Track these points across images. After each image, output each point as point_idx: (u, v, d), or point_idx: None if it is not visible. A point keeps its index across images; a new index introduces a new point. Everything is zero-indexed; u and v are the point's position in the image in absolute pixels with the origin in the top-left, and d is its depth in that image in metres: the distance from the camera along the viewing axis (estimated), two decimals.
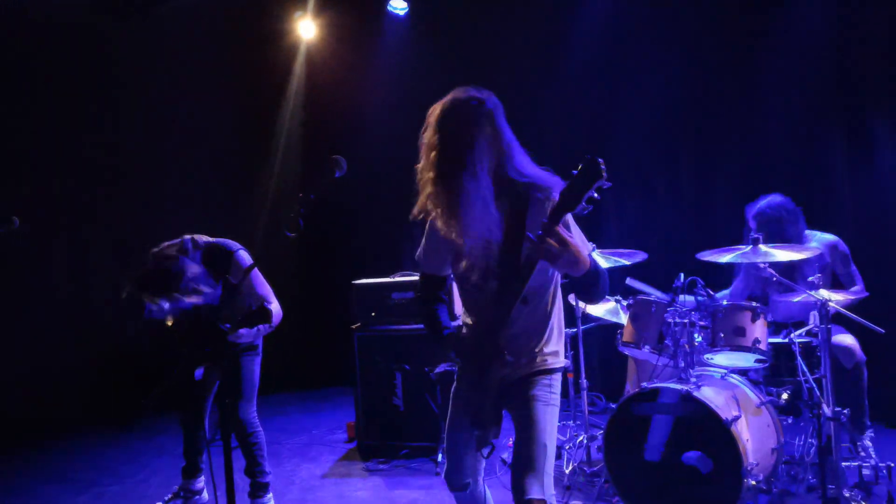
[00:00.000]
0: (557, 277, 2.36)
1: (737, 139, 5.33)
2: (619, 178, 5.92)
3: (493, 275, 2.23)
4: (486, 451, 2.27)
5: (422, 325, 2.56)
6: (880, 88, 4.78)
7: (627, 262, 4.11)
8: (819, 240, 4.00)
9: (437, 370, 2.41)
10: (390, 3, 6.46)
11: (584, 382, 4.21)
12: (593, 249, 4.15)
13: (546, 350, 2.34)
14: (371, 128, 6.83)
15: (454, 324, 2.51)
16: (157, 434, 5.59)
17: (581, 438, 4.17)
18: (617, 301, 4.32)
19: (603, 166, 1.94)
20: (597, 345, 5.83)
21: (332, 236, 7.18)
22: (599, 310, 4.36)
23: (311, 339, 7.07)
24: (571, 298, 4.25)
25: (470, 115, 2.19)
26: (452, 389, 2.46)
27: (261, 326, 3.42)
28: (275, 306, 3.52)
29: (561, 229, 1.99)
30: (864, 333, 3.67)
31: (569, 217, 2.13)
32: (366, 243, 6.93)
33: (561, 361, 2.37)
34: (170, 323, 3.55)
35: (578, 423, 4.37)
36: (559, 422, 5.08)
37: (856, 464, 3.55)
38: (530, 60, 6.08)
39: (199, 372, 2.96)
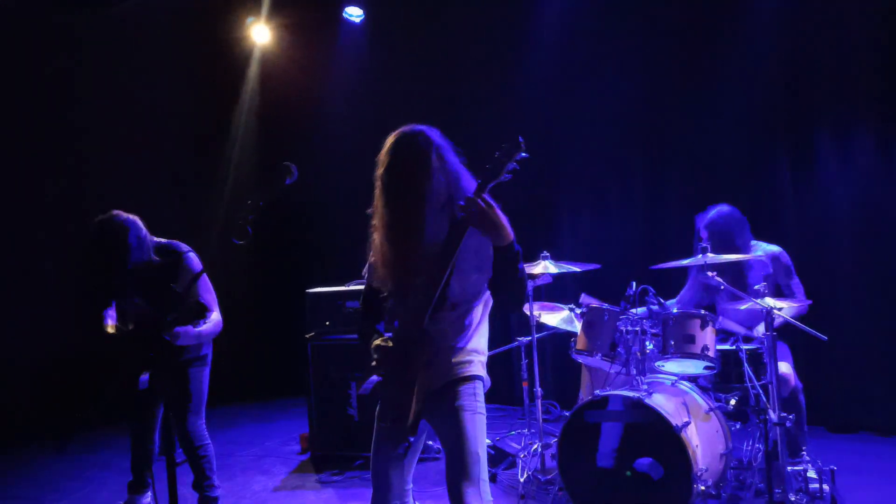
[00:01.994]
0: (486, 292, 2.38)
1: (687, 152, 5.45)
2: (572, 191, 6.06)
3: (424, 283, 2.25)
4: (402, 448, 2.24)
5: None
6: (824, 104, 4.95)
7: (577, 269, 4.16)
8: (764, 250, 4.11)
9: (367, 385, 2.37)
10: (346, 10, 6.44)
11: (539, 391, 4.24)
12: (545, 258, 4.20)
13: (466, 358, 2.34)
14: (327, 134, 6.80)
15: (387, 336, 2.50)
16: (102, 448, 5.41)
17: (535, 447, 4.19)
18: (571, 310, 4.36)
19: (522, 141, 2.17)
20: (551, 353, 5.90)
21: (286, 244, 7.10)
22: (553, 319, 4.40)
23: (264, 349, 6.96)
24: (526, 308, 4.29)
25: (415, 148, 2.27)
26: (377, 409, 2.42)
27: (203, 331, 3.34)
28: (215, 315, 3.46)
29: (489, 200, 2.14)
30: (808, 343, 3.78)
31: (496, 206, 2.25)
32: (320, 251, 6.87)
33: (482, 371, 2.38)
34: (111, 330, 3.46)
35: (533, 431, 4.39)
36: (513, 430, 5.14)
37: (801, 468, 3.64)
38: (485, 71, 6.14)
39: (143, 379, 2.87)
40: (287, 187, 2.30)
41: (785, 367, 3.86)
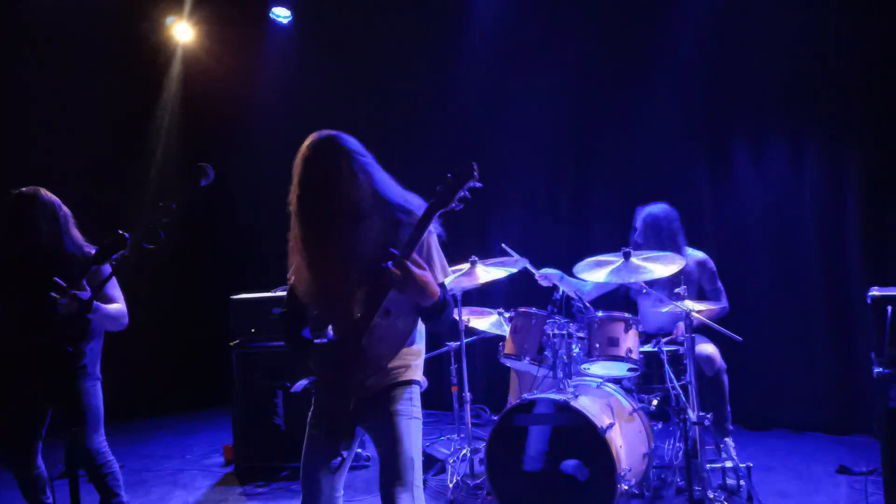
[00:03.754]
0: None
1: (612, 157, 5.59)
2: (501, 195, 6.11)
3: (355, 288, 2.22)
4: (335, 463, 2.21)
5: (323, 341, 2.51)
6: (740, 115, 5.18)
7: (515, 269, 4.18)
8: (689, 255, 4.24)
9: (296, 387, 2.32)
10: (272, 10, 6.32)
11: (468, 395, 4.24)
12: (474, 263, 4.20)
13: (403, 362, 2.33)
14: (255, 136, 6.64)
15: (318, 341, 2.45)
16: None
17: (464, 452, 4.19)
18: (500, 314, 4.39)
19: (475, 168, 2.08)
20: (481, 357, 5.92)
21: (209, 248, 6.88)
22: (483, 323, 4.42)
23: (186, 358, 6.72)
24: (456, 313, 4.28)
25: (328, 153, 2.21)
26: (309, 413, 2.37)
27: (111, 311, 3.16)
28: (119, 307, 3.27)
29: (415, 259, 2.11)
30: (725, 343, 3.92)
31: (433, 245, 2.27)
32: (246, 255, 6.69)
33: (419, 375, 2.37)
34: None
35: (462, 436, 4.39)
36: (443, 436, 5.12)
37: (719, 465, 3.77)
38: (415, 73, 6.13)
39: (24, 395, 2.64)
40: (203, 189, 2.21)
41: (710, 348, 4.02)
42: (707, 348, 4.02)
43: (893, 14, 4.56)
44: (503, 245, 4.17)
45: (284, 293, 4.64)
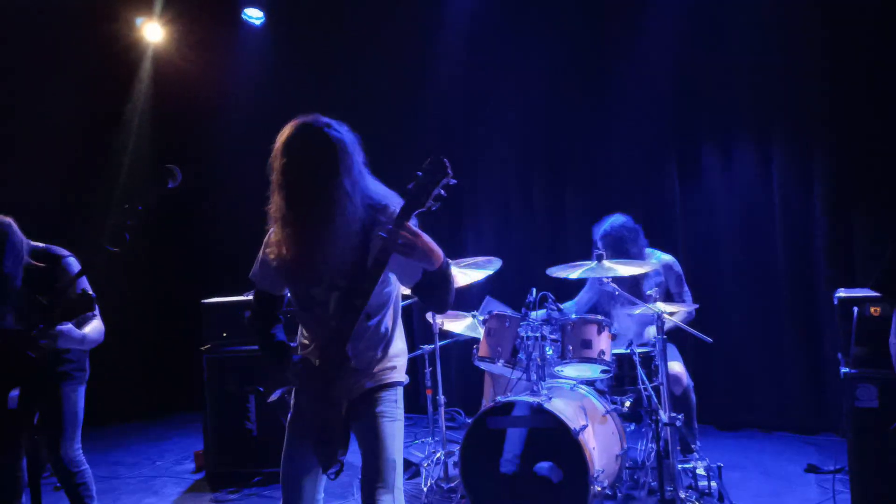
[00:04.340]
0: (398, 294, 2.36)
1: (585, 162, 5.63)
2: (475, 198, 6.11)
3: (337, 292, 2.18)
4: (333, 472, 2.18)
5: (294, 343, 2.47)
6: (710, 121, 5.24)
7: (490, 271, 4.18)
8: (658, 258, 4.28)
9: (273, 396, 2.28)
10: (245, 11, 6.26)
11: (442, 398, 4.22)
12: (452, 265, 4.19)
13: (389, 364, 2.31)
14: (227, 137, 6.56)
15: (293, 349, 2.42)
16: None
17: (439, 455, 4.17)
18: (474, 316, 4.38)
19: (448, 165, 2.01)
20: (455, 360, 5.92)
21: (180, 251, 6.79)
22: (457, 326, 4.41)
23: (156, 363, 6.61)
24: (429, 316, 4.27)
25: (319, 141, 2.10)
26: (289, 417, 2.34)
27: (88, 336, 3.11)
28: (98, 322, 3.22)
29: (411, 225, 2.02)
30: (696, 345, 3.96)
31: (415, 222, 2.14)
32: (217, 259, 6.60)
33: (403, 376, 2.36)
34: None
35: (437, 439, 4.37)
36: (418, 439, 5.10)
37: (690, 465, 3.80)
38: (389, 76, 6.11)
39: (13, 395, 2.61)
40: (170, 191, 2.17)
41: (677, 367, 4.03)
42: (674, 367, 3.98)
43: (858, 23, 4.66)
44: (487, 299, 4.17)
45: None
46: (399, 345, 2.37)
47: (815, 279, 4.90)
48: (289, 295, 2.36)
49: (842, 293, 3.44)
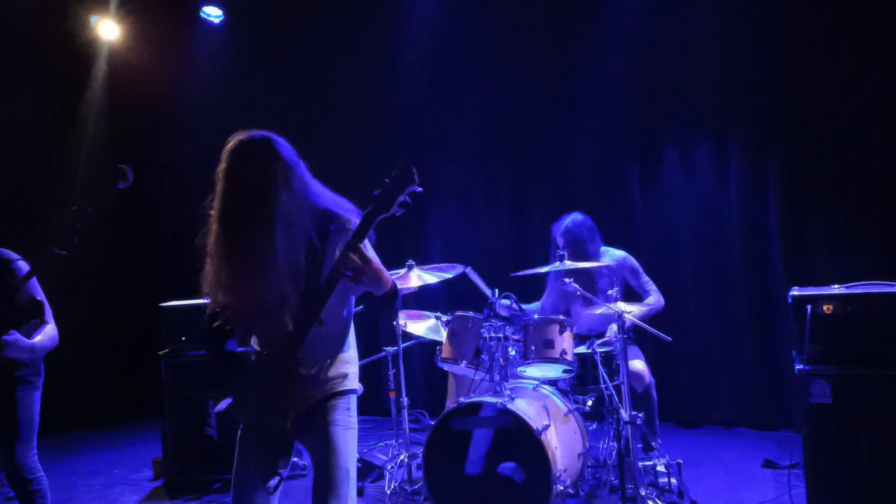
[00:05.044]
0: (352, 301, 2.34)
1: (548, 163, 5.67)
2: (440, 198, 6.10)
3: (289, 299, 2.15)
4: (273, 484, 2.13)
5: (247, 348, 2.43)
6: (670, 121, 5.33)
7: (449, 276, 4.18)
8: (611, 255, 4.34)
9: (220, 406, 2.23)
10: (203, 9, 6.15)
11: (405, 400, 4.20)
12: (411, 267, 4.18)
13: (341, 372, 2.28)
14: (185, 136, 6.43)
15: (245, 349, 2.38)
16: None
17: (402, 458, 4.15)
18: (437, 318, 4.37)
19: (415, 173, 2.04)
20: (420, 362, 5.90)
21: (137, 253, 6.64)
22: (420, 327, 4.39)
23: (112, 368, 6.46)
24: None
25: (259, 157, 2.10)
26: (239, 430, 2.28)
27: (38, 344, 3.02)
28: (51, 328, 3.14)
29: (364, 249, 2.04)
30: (656, 343, 4.01)
31: (368, 247, 2.19)
32: (176, 261, 6.45)
33: (356, 384, 2.33)
34: None
35: (400, 441, 4.35)
36: (382, 442, 5.07)
37: (651, 462, 3.85)
38: (351, 75, 6.07)
39: None
40: (121, 192, 2.11)
41: (639, 365, 4.07)
42: (636, 364, 4.02)
43: (813, 26, 4.77)
44: (468, 270, 4.15)
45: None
46: (351, 352, 2.34)
47: (771, 277, 5.01)
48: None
49: (795, 291, 3.50)
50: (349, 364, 2.32)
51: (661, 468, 3.83)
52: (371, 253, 2.22)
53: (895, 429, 3.13)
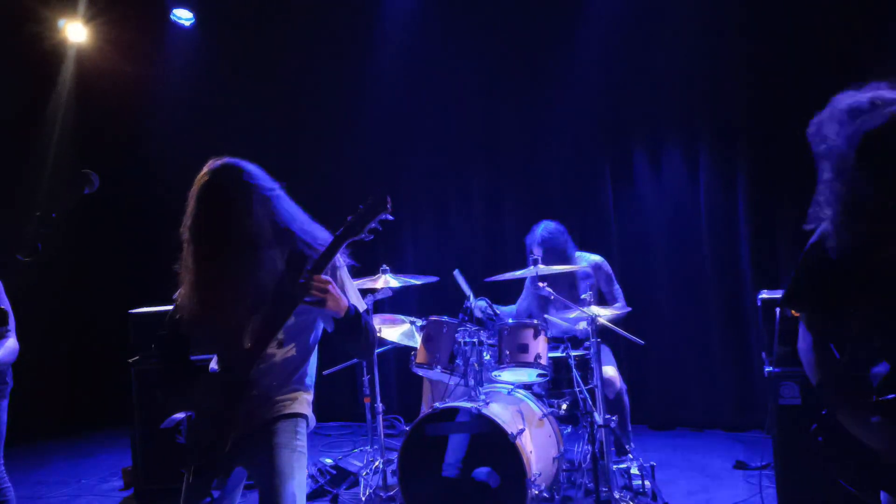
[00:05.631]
0: (319, 328, 2.33)
1: (522, 168, 5.69)
2: (414, 205, 6.09)
3: (251, 319, 2.15)
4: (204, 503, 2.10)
5: (207, 356, 2.39)
6: (640, 129, 5.38)
7: (418, 282, 4.18)
8: (587, 260, 4.36)
9: (166, 423, 2.20)
10: (174, 12, 6.07)
11: (380, 406, 4.18)
12: (385, 270, 4.17)
13: (293, 395, 2.26)
14: (155, 140, 6.35)
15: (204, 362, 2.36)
16: None
17: (377, 463, 4.13)
18: (412, 323, 4.36)
19: (389, 201, 2.09)
20: (396, 367, 5.87)
21: (106, 259, 6.52)
22: (394, 333, 4.37)
23: (81, 377, 6.34)
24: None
25: (229, 185, 2.13)
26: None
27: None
28: (12, 342, 3.08)
29: (327, 279, 2.08)
30: (629, 347, 4.04)
31: (345, 277, 2.25)
32: (144, 267, 6.37)
33: (307, 409, 2.29)
34: None
35: (375, 447, 4.33)
36: (357, 448, 5.04)
37: (625, 465, 3.87)
38: (325, 78, 6.04)
39: None
40: (85, 197, 2.07)
41: (611, 371, 4.09)
42: (608, 371, 4.03)
43: (778, 32, 4.86)
44: (456, 273, 4.15)
45: None
46: (306, 378, 2.32)
47: (741, 280, 5.08)
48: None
49: (764, 294, 3.56)
50: (303, 391, 2.30)
51: (634, 471, 3.86)
52: (345, 276, 2.26)
53: None
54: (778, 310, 3.38)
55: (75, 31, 6.05)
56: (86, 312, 6.46)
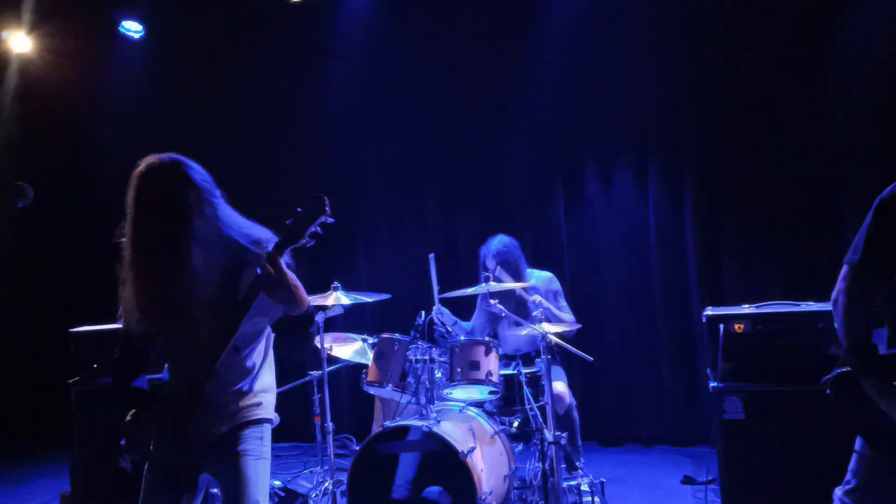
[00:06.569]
0: (269, 329, 2.29)
1: (475, 186, 5.73)
2: (367, 221, 6.06)
3: (202, 326, 2.09)
4: None
5: (157, 375, 2.33)
6: (591, 148, 5.49)
7: (369, 300, 4.15)
8: (537, 276, 4.41)
9: (125, 464, 2.15)
10: (122, 24, 5.96)
11: (331, 426, 4.11)
12: (336, 288, 4.12)
13: (255, 400, 2.22)
14: (101, 153, 6.17)
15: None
16: None
17: (327, 484, 4.06)
18: (363, 340, 4.32)
19: (327, 203, 2.05)
20: (348, 385, 5.80)
21: (46, 276, 6.30)
22: (346, 351, 4.34)
23: (17, 398, 6.08)
24: (317, 340, 4.17)
25: (170, 181, 2.04)
26: (146, 467, 2.19)
27: None
28: None
29: (282, 265, 2.01)
30: (578, 364, 4.08)
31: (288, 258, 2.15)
32: (87, 284, 6.17)
33: (271, 413, 2.26)
34: None
35: (326, 468, 4.25)
36: (307, 469, 4.95)
37: (575, 482, 3.89)
38: (278, 92, 6.00)
39: None
40: (19, 211, 2.00)
41: (561, 387, 4.12)
42: (558, 386, 4.06)
43: (724, 53, 5.03)
44: (430, 257, 4.14)
45: None
46: (267, 380, 2.28)
47: (688, 297, 5.19)
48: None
49: (709, 311, 3.64)
50: (264, 393, 2.25)
51: (584, 487, 3.88)
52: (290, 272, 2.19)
53: (804, 441, 3.29)
54: (721, 326, 3.46)
55: (19, 42, 5.88)
56: (24, 331, 6.21)
